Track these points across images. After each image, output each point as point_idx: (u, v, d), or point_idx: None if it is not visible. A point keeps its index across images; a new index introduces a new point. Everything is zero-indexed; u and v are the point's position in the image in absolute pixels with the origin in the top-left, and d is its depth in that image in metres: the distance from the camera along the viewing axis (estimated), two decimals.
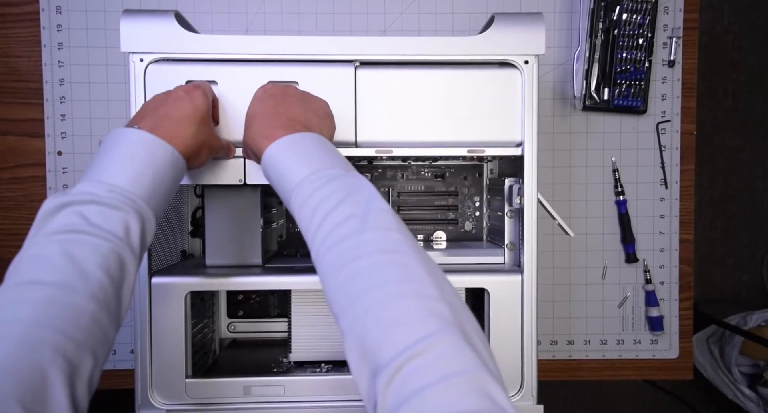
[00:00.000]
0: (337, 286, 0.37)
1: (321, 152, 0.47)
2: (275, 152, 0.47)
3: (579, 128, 0.80)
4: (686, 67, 0.80)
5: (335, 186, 0.42)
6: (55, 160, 0.78)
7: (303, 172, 0.44)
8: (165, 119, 0.48)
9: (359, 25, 0.79)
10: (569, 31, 0.80)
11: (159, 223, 0.48)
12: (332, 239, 0.39)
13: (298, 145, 0.47)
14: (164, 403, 0.57)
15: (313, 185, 0.43)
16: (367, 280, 0.36)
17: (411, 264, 0.36)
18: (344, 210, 0.40)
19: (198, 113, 0.50)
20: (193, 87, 0.52)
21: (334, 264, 0.38)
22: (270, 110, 0.51)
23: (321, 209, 0.41)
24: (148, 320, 0.57)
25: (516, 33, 0.57)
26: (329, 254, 0.39)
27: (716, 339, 1.50)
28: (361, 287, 0.36)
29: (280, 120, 0.49)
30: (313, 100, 0.55)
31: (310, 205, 0.42)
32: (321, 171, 0.44)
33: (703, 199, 1.71)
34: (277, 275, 0.60)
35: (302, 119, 0.50)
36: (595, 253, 0.81)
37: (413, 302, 0.34)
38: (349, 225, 0.39)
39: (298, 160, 0.45)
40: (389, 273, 0.36)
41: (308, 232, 0.42)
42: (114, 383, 0.78)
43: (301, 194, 0.43)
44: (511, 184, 0.64)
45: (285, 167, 0.46)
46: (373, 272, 0.36)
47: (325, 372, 0.62)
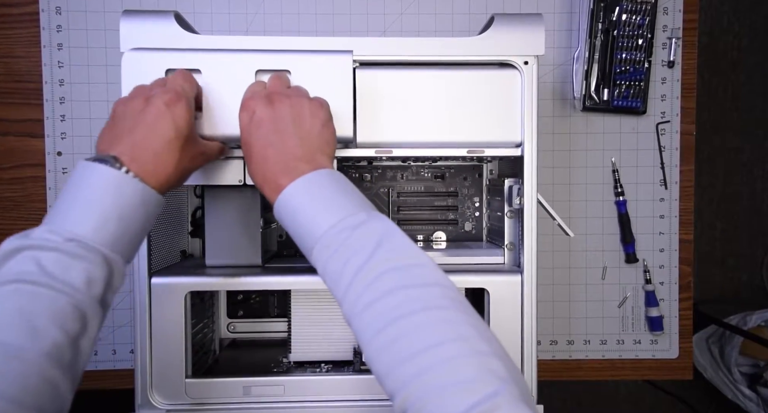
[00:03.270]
0: (381, 347, 0.36)
1: (334, 193, 0.44)
2: (285, 204, 0.44)
3: (579, 128, 0.80)
4: (686, 67, 0.80)
5: (362, 237, 0.40)
6: (54, 160, 0.78)
7: (323, 224, 0.42)
8: (144, 149, 0.43)
9: (359, 26, 0.79)
10: (569, 32, 0.80)
11: (129, 263, 0.44)
12: (368, 297, 0.38)
13: (308, 192, 0.44)
14: (164, 403, 0.57)
15: (337, 237, 0.41)
16: (415, 341, 0.35)
17: (457, 320, 0.36)
18: (377, 266, 0.39)
19: (181, 134, 0.45)
20: (175, 98, 0.45)
21: (374, 324, 0.37)
22: (263, 149, 0.46)
23: (351, 264, 0.39)
24: (148, 320, 0.57)
25: (516, 34, 0.58)
26: (366, 313, 0.38)
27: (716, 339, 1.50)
28: (409, 348, 0.35)
29: (279, 164, 0.45)
30: (306, 116, 0.48)
31: (338, 261, 0.40)
32: (343, 221, 0.41)
33: (703, 199, 1.71)
34: (277, 276, 0.60)
35: (300, 153, 0.46)
36: (595, 253, 0.81)
37: (468, 360, 0.33)
38: (386, 282, 0.38)
39: (314, 210, 0.43)
40: (437, 332, 0.35)
41: (338, 289, 0.40)
42: (114, 383, 0.79)
43: (325, 249, 0.41)
44: (510, 184, 0.64)
45: (301, 218, 0.43)
46: (421, 333, 0.35)
47: (325, 372, 0.62)
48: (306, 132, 0.47)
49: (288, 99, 0.48)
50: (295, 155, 0.46)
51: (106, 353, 0.78)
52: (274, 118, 0.47)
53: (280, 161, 0.45)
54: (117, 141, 0.43)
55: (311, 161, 0.46)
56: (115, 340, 0.78)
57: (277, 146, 0.46)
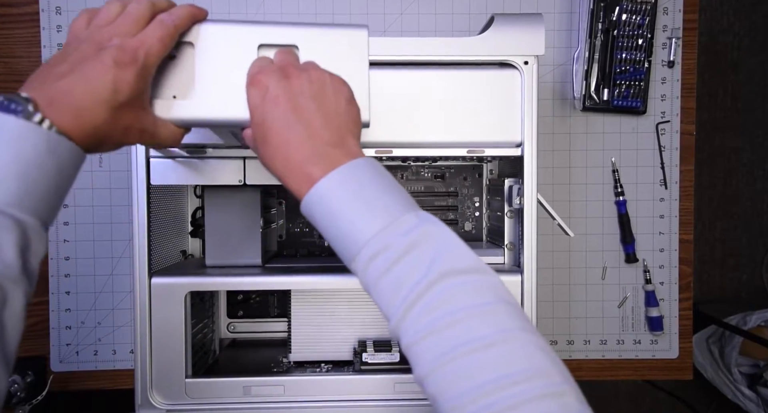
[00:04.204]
0: (447, 377, 0.33)
1: (377, 190, 0.39)
2: (319, 201, 0.39)
3: (578, 128, 0.80)
4: (686, 67, 0.80)
5: (416, 247, 0.36)
6: None
7: (367, 230, 0.37)
8: (69, 99, 0.37)
9: None
10: (569, 32, 0.80)
11: (50, 224, 0.39)
12: (431, 320, 0.34)
13: (347, 187, 0.38)
14: (164, 403, 0.57)
15: (387, 248, 0.36)
16: (492, 375, 0.32)
17: (535, 355, 0.33)
18: (437, 282, 0.35)
19: (117, 100, 0.38)
20: (129, 60, 0.39)
21: (438, 351, 0.34)
22: (284, 131, 0.40)
23: (408, 281, 0.35)
24: (148, 320, 0.57)
25: (516, 33, 0.58)
26: (430, 339, 0.34)
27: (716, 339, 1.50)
28: (487, 383, 0.32)
29: (305, 150, 0.40)
30: (328, 92, 0.42)
31: (390, 276, 0.36)
32: (391, 226, 0.37)
33: (703, 199, 1.71)
34: (277, 276, 0.60)
35: (328, 136, 0.40)
36: (595, 253, 0.81)
37: (551, 401, 0.31)
38: (451, 304, 0.34)
39: (355, 212, 0.38)
40: (515, 367, 0.32)
41: (390, 305, 0.36)
42: (114, 383, 0.79)
43: (372, 261, 0.37)
44: (510, 184, 0.64)
45: (340, 221, 0.38)
46: (498, 368, 0.32)
47: (325, 372, 0.63)
48: (331, 110, 0.41)
49: (305, 73, 0.42)
50: (323, 139, 0.40)
51: (106, 353, 0.78)
52: (292, 94, 0.41)
53: (306, 145, 0.40)
54: (48, 82, 0.38)
55: (342, 145, 0.40)
56: (115, 340, 0.78)
57: (299, 127, 0.40)
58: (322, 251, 0.79)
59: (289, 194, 0.78)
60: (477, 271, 0.36)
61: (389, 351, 0.61)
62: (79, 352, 0.78)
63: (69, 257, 0.78)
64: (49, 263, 0.78)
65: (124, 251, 0.79)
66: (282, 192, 0.78)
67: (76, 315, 0.78)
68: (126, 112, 0.40)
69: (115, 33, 0.40)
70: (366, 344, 0.62)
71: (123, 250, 0.79)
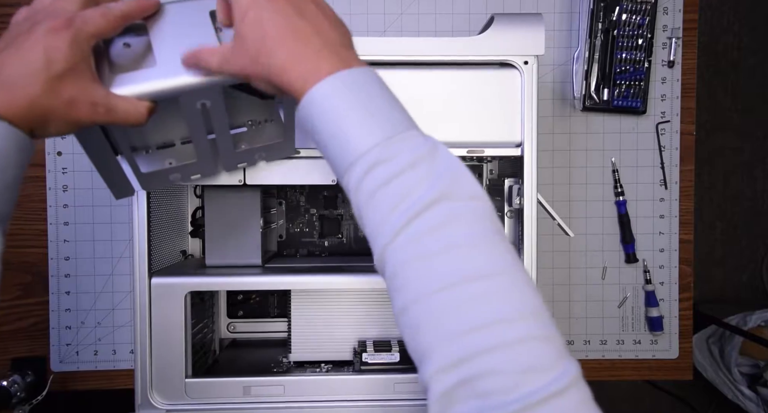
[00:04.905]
0: (443, 307, 0.31)
1: (383, 99, 0.36)
2: (320, 100, 0.35)
3: (578, 128, 0.80)
4: (686, 67, 0.80)
5: (420, 165, 0.34)
6: (55, 160, 0.78)
7: (370, 138, 0.34)
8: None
9: (359, 26, 0.79)
10: (569, 32, 0.80)
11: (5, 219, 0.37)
12: (428, 246, 0.32)
13: (351, 90, 0.35)
14: (164, 403, 0.57)
15: (390, 164, 0.33)
16: (487, 311, 0.30)
17: (528, 293, 0.32)
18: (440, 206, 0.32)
19: (53, 68, 0.36)
20: (61, 26, 0.37)
21: (435, 280, 0.31)
22: (293, 21, 0.37)
23: (407, 199, 0.33)
24: (148, 320, 0.57)
25: (515, 33, 0.58)
26: (423, 264, 0.32)
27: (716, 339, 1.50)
28: (480, 317, 0.30)
29: (315, 43, 0.36)
30: (323, 3, 0.40)
31: (389, 191, 0.33)
32: (394, 138, 0.34)
33: (703, 199, 1.71)
34: (277, 275, 0.60)
35: (338, 39, 0.38)
36: (595, 253, 0.81)
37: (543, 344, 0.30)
38: (450, 230, 0.32)
39: (360, 117, 0.35)
40: (509, 305, 0.31)
41: (383, 223, 0.33)
42: (114, 383, 0.79)
43: (370, 173, 0.34)
44: (510, 184, 0.64)
45: (337, 125, 0.35)
46: (492, 303, 0.31)
47: (325, 372, 0.62)
48: (333, 18, 0.39)
49: None
50: (333, 38, 0.37)
51: (106, 353, 0.79)
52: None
53: (315, 39, 0.37)
54: None
55: (351, 49, 0.38)
56: (115, 340, 0.79)
57: (305, 22, 0.37)
58: (322, 251, 0.79)
59: (289, 194, 0.78)
60: (479, 198, 0.34)
61: (389, 351, 0.61)
62: (79, 352, 0.78)
63: (69, 257, 0.78)
64: (49, 263, 0.78)
65: (124, 251, 0.79)
66: (282, 192, 0.78)
67: (76, 315, 0.78)
68: (66, 83, 0.37)
69: (53, 9, 0.39)
70: (366, 344, 0.62)
71: (123, 250, 0.79)
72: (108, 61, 0.43)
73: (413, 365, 0.33)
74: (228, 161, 0.54)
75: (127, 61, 0.44)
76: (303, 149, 0.59)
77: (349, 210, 0.79)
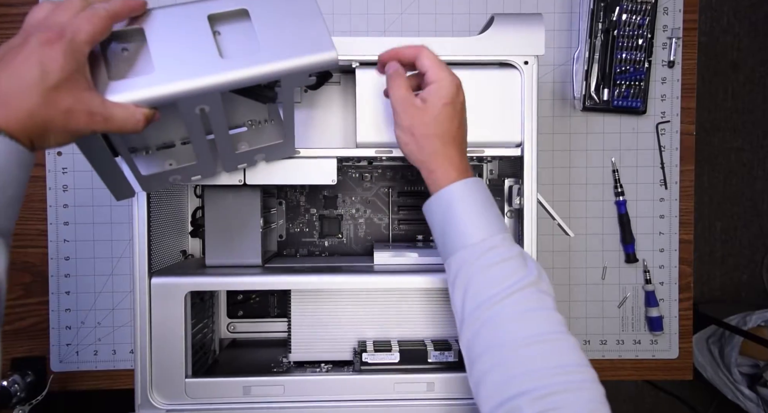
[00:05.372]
0: (536, 352, 0.44)
1: (487, 207, 0.51)
2: (449, 198, 0.50)
3: (579, 128, 0.80)
4: (686, 67, 0.80)
5: (520, 258, 0.49)
6: (55, 160, 0.78)
7: (476, 235, 0.49)
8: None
9: (359, 26, 0.79)
10: (569, 32, 0.80)
11: (8, 232, 0.38)
12: (519, 309, 0.46)
13: (472, 197, 0.50)
14: (164, 403, 0.57)
15: (502, 250, 0.49)
16: (563, 354, 0.45)
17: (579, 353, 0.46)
18: (524, 287, 0.47)
19: (48, 78, 0.37)
20: (54, 37, 0.38)
21: (527, 331, 0.45)
22: (458, 130, 0.52)
23: (513, 277, 0.47)
24: (148, 320, 0.57)
25: (516, 33, 0.58)
26: (518, 322, 0.46)
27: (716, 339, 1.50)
28: (559, 360, 0.44)
29: (457, 152, 0.52)
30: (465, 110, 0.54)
31: (502, 268, 0.48)
32: (492, 238, 0.49)
33: (703, 199, 1.71)
34: (277, 275, 0.60)
35: (465, 148, 0.53)
36: (595, 253, 0.81)
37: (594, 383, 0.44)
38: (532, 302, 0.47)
39: (472, 216, 0.49)
40: (580, 358, 0.45)
41: (494, 288, 0.47)
42: (114, 383, 0.79)
43: (491, 252, 0.48)
44: (510, 184, 0.64)
45: (458, 218, 0.49)
46: (564, 348, 0.45)
47: (325, 372, 0.62)
48: (458, 121, 0.52)
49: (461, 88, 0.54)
50: (463, 152, 0.52)
51: (106, 353, 0.79)
52: (460, 99, 0.52)
53: (462, 146, 0.52)
54: None
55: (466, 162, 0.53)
56: (115, 340, 0.79)
57: (464, 131, 0.53)
58: (322, 251, 0.79)
59: (289, 194, 0.78)
60: (547, 293, 0.48)
61: (389, 351, 0.61)
62: (79, 352, 0.78)
63: (69, 257, 0.78)
64: (49, 263, 0.78)
65: (124, 251, 0.79)
66: (282, 192, 0.78)
67: (76, 315, 0.78)
68: (63, 93, 0.38)
69: (45, 23, 0.39)
70: (366, 344, 0.62)
71: (123, 250, 0.79)
72: (106, 68, 0.43)
73: (413, 365, 0.36)
74: (228, 162, 0.54)
75: (125, 67, 0.44)
76: (303, 149, 0.59)
77: (349, 210, 0.79)
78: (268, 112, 0.55)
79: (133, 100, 0.42)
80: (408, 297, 0.64)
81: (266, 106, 0.55)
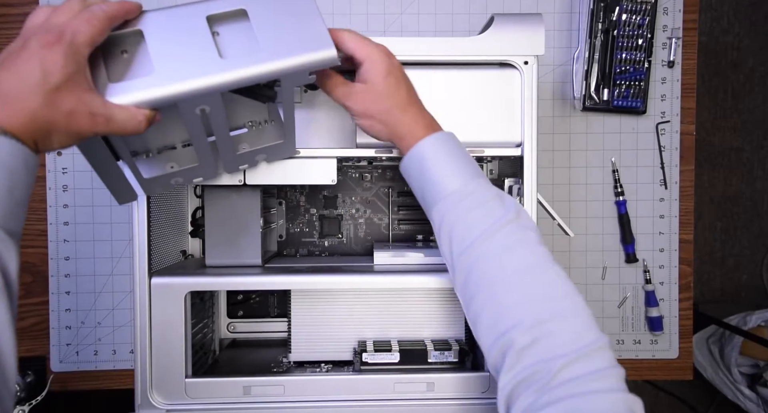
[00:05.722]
0: (524, 282, 0.45)
1: (459, 156, 0.51)
2: (421, 153, 0.50)
3: (578, 128, 0.80)
4: (686, 67, 0.80)
5: (498, 198, 0.49)
6: (54, 160, 0.78)
7: (452, 183, 0.49)
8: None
9: (359, 26, 0.79)
10: (569, 32, 0.80)
11: (17, 232, 0.39)
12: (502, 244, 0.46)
13: (443, 149, 0.50)
14: (164, 403, 0.57)
15: (482, 193, 0.49)
16: (552, 284, 0.45)
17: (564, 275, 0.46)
18: (505, 224, 0.47)
19: (49, 80, 0.37)
20: (54, 39, 0.38)
21: (513, 265, 0.45)
22: (408, 93, 0.52)
23: (485, 221, 0.47)
24: (148, 320, 0.57)
25: (515, 33, 0.58)
26: (504, 257, 0.46)
27: (716, 339, 1.50)
28: (550, 289, 0.44)
29: (417, 112, 0.52)
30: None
31: (483, 210, 0.48)
32: (466, 184, 0.49)
33: (703, 199, 1.71)
34: (277, 275, 0.60)
35: (424, 111, 0.53)
36: (595, 253, 0.81)
37: (586, 310, 0.44)
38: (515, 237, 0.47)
39: (446, 167, 0.50)
40: (564, 282, 0.45)
41: (468, 236, 0.47)
42: (114, 383, 0.79)
43: (469, 197, 0.48)
44: (510, 184, 0.64)
45: (432, 171, 0.50)
46: (554, 278, 0.45)
47: (325, 372, 0.62)
48: (404, 86, 0.52)
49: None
50: (423, 109, 0.53)
51: (106, 353, 0.79)
52: (401, 68, 0.53)
53: (417, 112, 0.52)
54: None
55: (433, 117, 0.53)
56: (115, 340, 0.79)
57: (414, 92, 0.53)
58: (322, 251, 0.79)
59: (289, 194, 0.78)
60: (533, 227, 0.49)
61: (389, 351, 0.61)
62: (79, 352, 0.78)
63: (69, 257, 0.78)
64: (49, 263, 0.78)
65: (124, 251, 0.79)
66: (282, 192, 0.78)
67: (76, 315, 0.78)
68: (65, 94, 0.38)
69: (44, 26, 0.40)
70: (366, 344, 0.62)
71: (123, 250, 0.79)
72: (106, 70, 0.43)
73: (413, 365, 0.36)
74: (229, 163, 0.54)
75: (124, 69, 0.44)
76: (303, 149, 0.59)
77: (349, 210, 0.79)
78: (268, 112, 0.55)
79: (134, 101, 0.42)
80: (408, 297, 0.64)
81: (266, 106, 0.55)
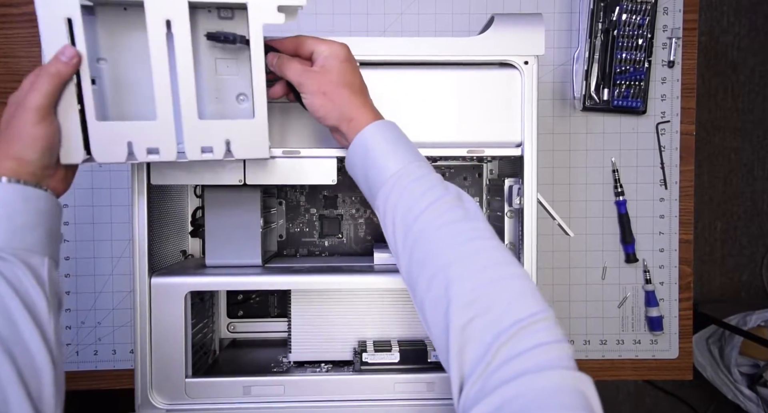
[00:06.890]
0: (463, 255, 0.44)
1: (401, 142, 0.51)
2: (366, 139, 0.50)
3: (578, 128, 0.80)
4: (686, 67, 0.80)
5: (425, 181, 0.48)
6: None
7: (392, 166, 0.49)
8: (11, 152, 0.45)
9: (359, 26, 0.79)
10: (569, 32, 0.80)
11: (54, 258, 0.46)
12: (447, 218, 0.45)
13: (384, 136, 0.50)
14: (164, 403, 0.57)
15: (404, 180, 0.48)
16: (492, 257, 0.44)
17: (508, 252, 0.45)
18: (447, 201, 0.46)
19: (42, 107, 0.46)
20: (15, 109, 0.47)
21: (455, 238, 0.45)
22: (361, 83, 0.52)
23: (426, 198, 0.46)
24: (148, 320, 0.57)
25: (515, 33, 0.58)
26: (446, 229, 0.45)
27: (716, 339, 1.50)
28: (488, 261, 0.43)
29: (367, 100, 0.52)
30: (355, 65, 0.53)
31: (422, 183, 0.47)
32: (406, 165, 0.49)
33: (703, 199, 1.71)
34: (277, 275, 0.60)
35: (367, 93, 0.53)
36: (595, 253, 0.81)
37: (528, 282, 0.43)
38: (457, 213, 0.46)
39: (388, 152, 0.49)
40: (506, 256, 0.44)
41: (410, 211, 0.47)
42: (114, 383, 0.79)
43: (396, 185, 0.48)
44: (510, 184, 0.64)
45: (375, 158, 0.49)
46: (494, 252, 0.44)
47: (325, 372, 0.62)
48: (359, 75, 0.53)
49: None
50: (368, 97, 0.53)
51: (106, 353, 0.79)
52: (356, 66, 0.53)
53: (361, 99, 0.51)
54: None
55: (372, 105, 0.53)
56: (115, 340, 0.79)
57: (365, 89, 0.53)
58: (322, 251, 0.79)
59: (289, 194, 0.78)
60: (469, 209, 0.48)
61: (389, 351, 0.61)
62: (79, 352, 0.78)
63: (69, 257, 0.78)
64: None
65: (124, 251, 0.79)
66: (282, 192, 0.78)
67: (76, 314, 0.78)
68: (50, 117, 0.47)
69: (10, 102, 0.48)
70: (366, 344, 0.62)
71: (123, 250, 0.79)
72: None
73: (413, 365, 0.35)
74: (191, 138, 0.49)
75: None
76: (303, 148, 0.59)
77: (349, 210, 0.79)
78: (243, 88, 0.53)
79: None
80: (408, 297, 0.64)
81: (242, 80, 0.53)
